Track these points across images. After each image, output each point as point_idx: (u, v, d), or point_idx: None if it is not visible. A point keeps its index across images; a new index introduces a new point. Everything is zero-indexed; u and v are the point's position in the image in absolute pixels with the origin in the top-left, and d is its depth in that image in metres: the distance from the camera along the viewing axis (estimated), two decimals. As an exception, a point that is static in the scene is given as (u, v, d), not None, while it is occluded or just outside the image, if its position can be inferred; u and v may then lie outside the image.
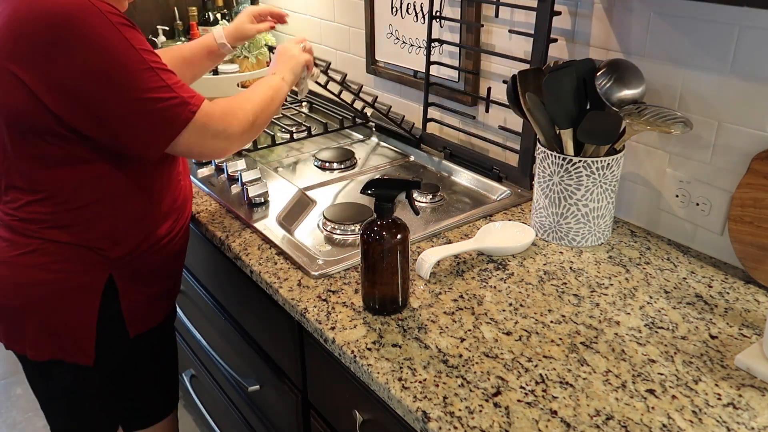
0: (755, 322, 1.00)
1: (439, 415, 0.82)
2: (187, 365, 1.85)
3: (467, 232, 1.27)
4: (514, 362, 0.92)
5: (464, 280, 1.11)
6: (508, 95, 1.22)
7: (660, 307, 1.04)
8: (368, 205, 1.36)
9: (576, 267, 1.15)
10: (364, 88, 1.61)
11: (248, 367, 1.40)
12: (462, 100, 1.60)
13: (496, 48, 1.49)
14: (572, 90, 1.15)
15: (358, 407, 1.01)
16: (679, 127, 1.08)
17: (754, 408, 0.83)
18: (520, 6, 1.37)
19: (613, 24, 1.23)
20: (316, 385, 1.15)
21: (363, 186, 0.97)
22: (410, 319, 1.01)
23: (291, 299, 1.07)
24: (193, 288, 1.57)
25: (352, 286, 1.10)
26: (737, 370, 0.90)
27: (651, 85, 1.19)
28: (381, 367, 0.91)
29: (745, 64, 1.06)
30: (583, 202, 1.17)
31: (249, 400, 1.47)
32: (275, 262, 1.17)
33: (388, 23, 1.75)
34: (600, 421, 0.81)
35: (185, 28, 2.26)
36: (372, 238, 0.97)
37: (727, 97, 1.09)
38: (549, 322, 1.00)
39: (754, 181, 1.06)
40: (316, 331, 1.02)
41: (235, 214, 1.35)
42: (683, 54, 1.13)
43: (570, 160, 1.15)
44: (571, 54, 1.33)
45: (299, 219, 1.37)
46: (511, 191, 1.41)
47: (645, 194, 1.27)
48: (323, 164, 1.63)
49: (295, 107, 1.96)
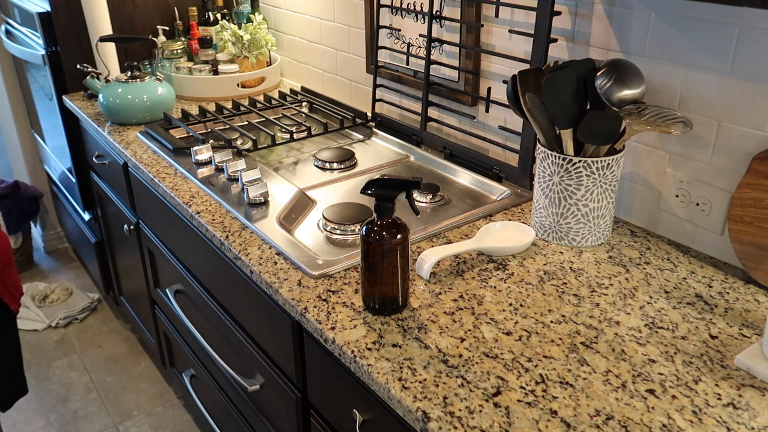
0: (755, 322, 1.00)
1: (439, 415, 0.82)
2: (187, 365, 1.85)
3: (467, 232, 1.27)
4: (514, 362, 0.92)
5: (464, 280, 1.11)
6: (508, 95, 1.22)
7: (660, 307, 1.04)
8: (368, 205, 1.36)
9: (576, 267, 1.15)
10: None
11: (248, 367, 1.40)
12: (462, 100, 1.60)
13: (496, 48, 1.49)
14: (572, 90, 1.15)
15: (358, 407, 1.01)
16: (679, 127, 1.08)
17: (754, 408, 0.83)
18: (520, 6, 1.37)
19: (613, 24, 1.23)
20: (316, 385, 1.15)
21: (363, 186, 0.97)
22: (410, 319, 1.01)
23: (291, 299, 1.07)
24: (193, 288, 1.57)
25: (352, 286, 1.10)
26: (737, 370, 0.90)
27: (651, 85, 1.19)
28: (381, 367, 0.91)
29: (745, 64, 1.06)
30: (583, 202, 1.17)
31: (249, 400, 1.47)
32: (275, 262, 1.17)
33: (388, 23, 1.75)
34: (600, 421, 0.81)
35: (185, 28, 2.26)
36: (372, 238, 0.97)
37: (727, 97, 1.09)
38: (549, 322, 1.00)
39: (754, 181, 1.06)
40: (316, 331, 1.02)
41: (235, 214, 1.35)
42: (683, 54, 1.13)
43: (570, 160, 1.15)
44: (571, 54, 1.33)
45: (299, 219, 1.37)
46: (511, 191, 1.41)
47: (645, 194, 1.27)
48: (323, 164, 1.63)
49: (295, 107, 1.96)
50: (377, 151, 1.72)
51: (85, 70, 1.99)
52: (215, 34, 2.18)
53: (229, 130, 1.81)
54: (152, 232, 1.79)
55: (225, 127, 1.81)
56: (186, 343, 1.80)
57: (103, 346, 2.49)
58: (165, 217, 1.61)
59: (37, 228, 3.12)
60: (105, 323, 2.62)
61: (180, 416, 2.16)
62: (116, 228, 2.13)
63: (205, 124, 1.83)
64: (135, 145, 1.74)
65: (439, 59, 1.63)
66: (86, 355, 2.44)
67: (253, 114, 1.91)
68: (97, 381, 2.31)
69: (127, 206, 1.92)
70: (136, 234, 1.90)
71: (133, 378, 2.32)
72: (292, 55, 2.25)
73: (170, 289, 1.72)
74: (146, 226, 1.82)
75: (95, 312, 2.69)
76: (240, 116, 1.90)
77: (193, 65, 2.12)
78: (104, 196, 2.15)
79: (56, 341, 2.52)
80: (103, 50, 2.04)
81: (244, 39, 2.07)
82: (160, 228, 1.71)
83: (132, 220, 1.90)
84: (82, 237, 2.63)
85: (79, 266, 2.99)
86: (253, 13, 2.19)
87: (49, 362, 2.41)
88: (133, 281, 2.16)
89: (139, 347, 2.47)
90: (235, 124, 1.80)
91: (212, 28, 2.19)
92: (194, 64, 2.14)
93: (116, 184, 1.97)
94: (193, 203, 1.41)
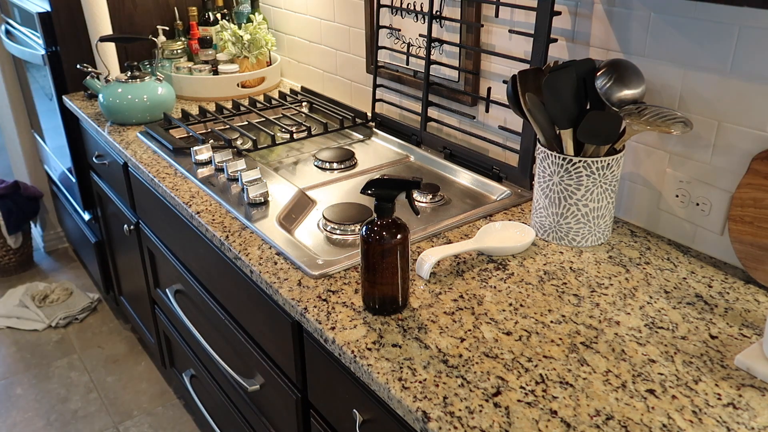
0: (755, 322, 1.00)
1: (439, 415, 0.82)
2: (187, 365, 1.85)
3: (467, 232, 1.27)
4: (514, 362, 0.92)
5: (464, 280, 1.11)
6: (508, 95, 1.22)
7: (660, 307, 1.04)
8: (368, 205, 1.36)
9: (576, 267, 1.15)
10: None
11: (248, 367, 1.40)
12: (462, 100, 1.60)
13: (496, 48, 1.49)
14: (572, 90, 1.15)
15: (358, 407, 1.01)
16: (679, 127, 1.08)
17: (754, 408, 0.83)
18: (520, 6, 1.37)
19: (613, 24, 1.23)
20: (316, 385, 1.15)
21: (363, 186, 0.97)
22: (410, 319, 1.01)
23: (291, 299, 1.07)
24: (193, 288, 1.57)
25: (352, 286, 1.10)
26: (737, 370, 0.90)
27: (651, 85, 1.19)
28: (381, 367, 0.91)
29: (745, 64, 1.05)
30: (583, 202, 1.17)
31: (249, 400, 1.47)
32: (275, 262, 1.17)
33: (388, 23, 1.75)
34: (600, 421, 0.81)
35: (185, 28, 2.26)
36: (372, 238, 0.97)
37: (727, 97, 1.09)
38: (549, 322, 1.00)
39: (754, 181, 1.06)
40: (316, 331, 1.02)
41: (235, 214, 1.35)
42: (683, 54, 1.13)
43: (570, 160, 1.15)
44: (571, 54, 1.33)
45: (299, 219, 1.37)
46: (511, 191, 1.41)
47: (645, 194, 1.27)
48: (323, 164, 1.63)
49: (295, 107, 1.96)
50: (377, 151, 1.72)
51: (85, 70, 1.99)
52: (215, 34, 2.18)
53: (229, 130, 1.81)
54: (152, 232, 1.79)
55: (225, 127, 1.81)
56: (186, 343, 1.80)
57: (103, 346, 2.49)
58: (165, 217, 1.61)
59: (37, 228, 3.12)
60: (105, 323, 2.62)
61: (180, 416, 2.16)
62: (116, 228, 2.13)
63: (205, 124, 1.83)
64: (135, 145, 1.74)
65: (439, 59, 1.63)
66: (86, 355, 2.44)
67: (253, 114, 1.91)
68: (97, 381, 2.31)
69: (127, 206, 1.92)
70: (136, 234, 1.90)
71: (133, 378, 2.32)
72: (292, 55, 2.25)
73: (170, 289, 1.72)
74: (146, 226, 1.82)
75: (95, 312, 2.69)
76: (240, 116, 1.90)
77: (193, 65, 2.12)
78: (104, 196, 2.15)
79: (56, 341, 2.52)
80: (103, 50, 2.04)
81: (244, 39, 2.07)
82: (160, 228, 1.71)
83: (132, 220, 1.90)
84: (82, 237, 2.63)
85: (79, 266, 2.99)
86: (253, 13, 2.19)
87: (49, 362, 2.41)
88: (133, 281, 2.16)
89: (139, 347, 2.47)
90: (235, 124, 1.80)
91: (212, 28, 2.19)
92: (194, 64, 2.14)
93: (116, 184, 1.97)
94: (193, 203, 1.41)
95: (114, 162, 1.90)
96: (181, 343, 1.82)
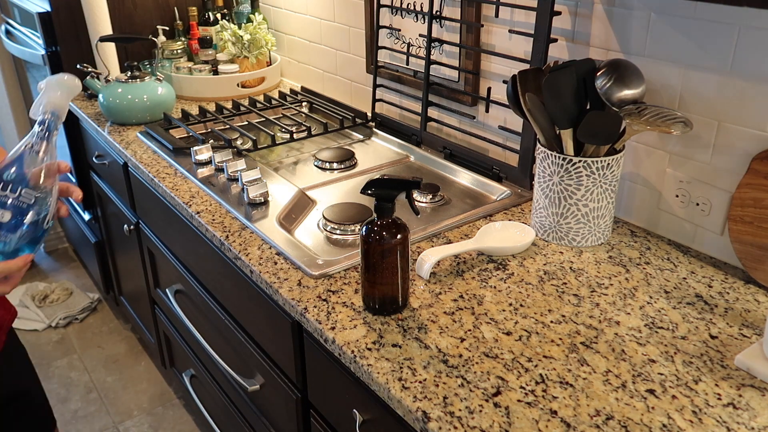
0: (755, 322, 1.00)
1: (439, 415, 0.82)
2: (187, 365, 1.85)
3: (467, 232, 1.27)
4: (514, 362, 0.92)
5: (464, 280, 1.11)
6: (508, 95, 1.22)
7: (660, 307, 1.04)
8: (368, 205, 1.36)
9: (576, 267, 1.15)
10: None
11: (248, 367, 1.40)
12: (462, 100, 1.60)
13: (496, 48, 1.49)
14: (572, 90, 1.15)
15: (358, 407, 1.01)
16: (679, 127, 1.08)
17: (754, 408, 0.83)
18: (520, 6, 1.37)
19: (613, 24, 1.23)
20: (316, 385, 1.15)
21: (363, 186, 0.97)
22: (410, 319, 1.01)
23: (291, 299, 1.07)
24: (193, 288, 1.57)
25: (352, 286, 1.10)
26: (737, 370, 0.90)
27: (651, 85, 1.19)
28: (381, 367, 0.91)
29: (745, 64, 1.05)
30: (583, 202, 1.17)
31: (249, 400, 1.47)
32: (275, 262, 1.17)
33: (388, 23, 1.75)
34: (600, 421, 0.81)
35: (185, 28, 2.26)
36: (372, 238, 0.97)
37: (727, 97, 1.09)
38: (549, 322, 1.00)
39: (754, 181, 1.06)
40: (316, 331, 1.02)
41: (235, 214, 1.35)
42: (683, 54, 1.13)
43: (570, 160, 1.15)
44: (571, 54, 1.33)
45: (299, 219, 1.37)
46: (511, 191, 1.41)
47: (645, 194, 1.27)
48: (323, 164, 1.63)
49: (295, 107, 1.96)
50: (377, 151, 1.72)
51: (85, 70, 1.99)
52: (215, 34, 2.18)
53: (229, 130, 1.81)
54: (152, 232, 1.79)
55: (225, 127, 1.81)
56: (186, 343, 1.80)
57: (103, 346, 2.49)
58: (165, 217, 1.61)
59: (37, 228, 3.12)
60: (105, 323, 2.62)
61: (180, 416, 2.16)
62: (116, 228, 2.13)
63: (205, 124, 1.83)
64: (135, 145, 1.74)
65: (439, 59, 1.63)
66: (86, 355, 2.44)
67: (253, 114, 1.91)
68: (97, 381, 2.31)
69: (127, 206, 1.92)
70: (136, 234, 1.90)
71: (133, 378, 2.32)
72: (292, 55, 2.25)
73: (170, 289, 1.72)
74: (146, 226, 1.82)
75: (95, 312, 2.69)
76: (240, 116, 1.90)
77: (193, 65, 2.12)
78: (104, 196, 2.15)
79: (56, 341, 2.52)
80: (103, 50, 2.04)
81: (244, 39, 2.07)
82: (160, 228, 1.71)
83: (132, 220, 1.90)
84: (82, 237, 2.63)
85: (79, 266, 2.99)
86: (253, 13, 2.19)
87: (49, 362, 2.41)
88: (133, 281, 2.16)
89: (139, 347, 2.47)
90: (235, 124, 1.80)
91: (212, 28, 2.19)
92: (194, 64, 2.14)
93: (116, 184, 1.97)
94: (193, 203, 1.41)
95: (114, 162, 1.90)
96: (181, 343, 1.82)
